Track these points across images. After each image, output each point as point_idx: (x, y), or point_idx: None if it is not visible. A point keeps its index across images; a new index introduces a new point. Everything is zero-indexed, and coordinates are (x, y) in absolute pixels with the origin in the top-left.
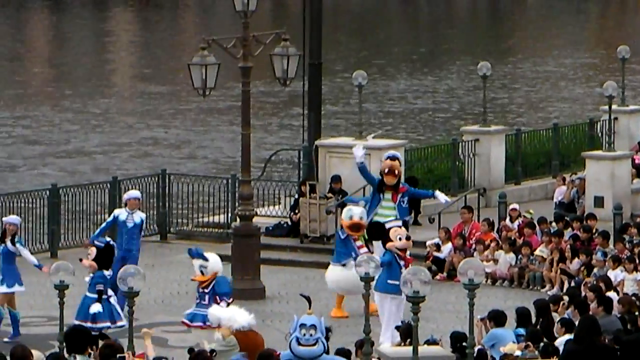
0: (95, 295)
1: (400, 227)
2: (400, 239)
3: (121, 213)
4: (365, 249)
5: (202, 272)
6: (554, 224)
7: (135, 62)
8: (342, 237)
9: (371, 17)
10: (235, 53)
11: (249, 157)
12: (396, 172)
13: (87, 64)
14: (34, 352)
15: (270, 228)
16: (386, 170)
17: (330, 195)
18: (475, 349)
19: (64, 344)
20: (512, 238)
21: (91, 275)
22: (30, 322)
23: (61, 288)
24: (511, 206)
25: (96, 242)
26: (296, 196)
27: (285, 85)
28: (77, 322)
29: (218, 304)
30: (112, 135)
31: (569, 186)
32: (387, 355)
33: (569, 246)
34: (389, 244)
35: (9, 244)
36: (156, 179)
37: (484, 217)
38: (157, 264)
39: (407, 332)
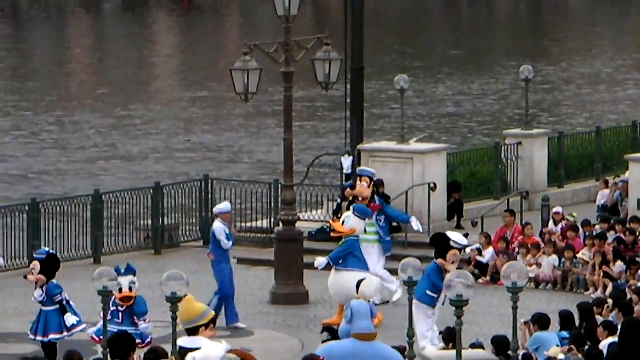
0: (57, 306)
1: (461, 250)
2: (454, 262)
3: (224, 227)
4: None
5: (130, 288)
6: (597, 226)
7: (177, 67)
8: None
9: (413, 21)
10: (278, 58)
11: (291, 162)
12: (356, 188)
13: (129, 69)
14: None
15: (313, 233)
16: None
17: None
18: (520, 353)
19: (108, 350)
20: (554, 241)
21: (40, 289)
22: None
23: (105, 294)
24: (555, 209)
25: (36, 255)
26: (339, 200)
27: (327, 89)
28: (51, 337)
29: (136, 324)
30: (155, 140)
31: (612, 189)
32: (431, 358)
33: (611, 249)
34: (439, 260)
35: None
36: (199, 184)
37: (526, 221)
38: (200, 270)
39: (450, 336)
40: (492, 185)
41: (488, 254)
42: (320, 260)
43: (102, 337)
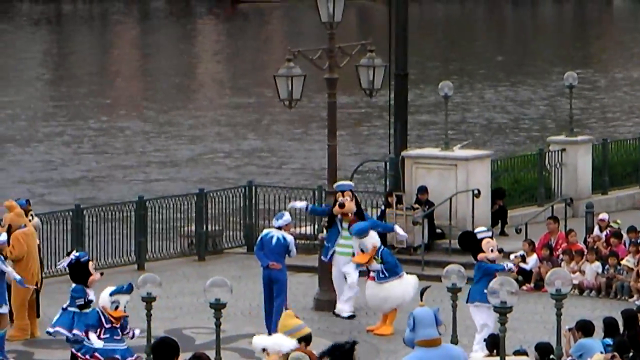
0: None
1: (491, 237)
2: (492, 250)
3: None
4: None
5: (125, 308)
6: None
7: (221, 73)
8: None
9: (457, 27)
10: (321, 64)
11: (335, 168)
12: (345, 205)
13: (173, 75)
14: None
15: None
16: (338, 203)
17: (416, 206)
18: None
19: (152, 356)
20: (597, 247)
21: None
22: None
23: (149, 300)
24: (600, 216)
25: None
26: (383, 207)
27: (371, 96)
28: (76, 332)
29: (87, 335)
30: (199, 146)
31: None
32: None
33: None
34: (480, 255)
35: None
36: (243, 190)
37: (570, 228)
38: (243, 276)
39: (493, 343)
40: (536, 192)
41: (532, 260)
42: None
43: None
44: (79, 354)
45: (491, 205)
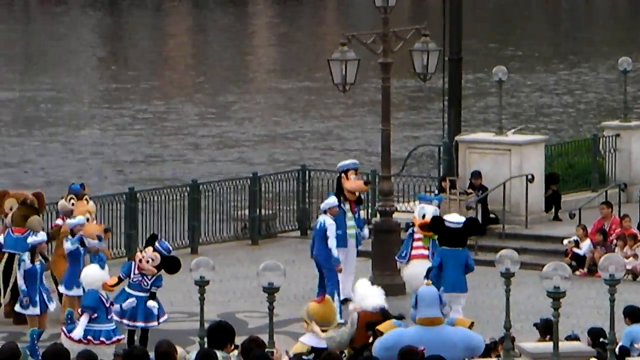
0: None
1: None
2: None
3: (326, 219)
4: (422, 248)
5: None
6: None
7: (276, 57)
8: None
9: (511, 11)
10: (376, 49)
11: (389, 153)
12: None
13: (228, 60)
14: (177, 348)
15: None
16: (353, 187)
17: (470, 191)
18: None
19: (206, 339)
20: None
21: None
22: (171, 318)
23: (201, 284)
24: None
25: (158, 247)
26: (436, 192)
27: (425, 80)
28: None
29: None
30: (253, 129)
31: None
32: (527, 350)
33: None
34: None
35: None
36: (296, 174)
37: (624, 213)
38: (297, 260)
39: (546, 328)
40: (590, 177)
41: (585, 246)
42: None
43: (90, 337)
44: (71, 335)
45: (545, 190)
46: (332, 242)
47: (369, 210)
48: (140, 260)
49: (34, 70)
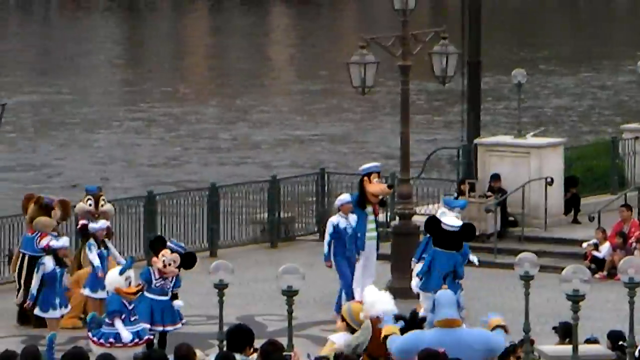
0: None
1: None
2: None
3: (339, 221)
4: None
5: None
6: None
7: (295, 60)
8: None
9: (530, 14)
10: (395, 51)
11: (408, 156)
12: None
13: (247, 62)
14: (196, 352)
15: None
16: (376, 190)
17: (489, 193)
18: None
19: (225, 342)
20: None
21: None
22: (190, 321)
23: (221, 287)
24: None
25: (174, 247)
26: (455, 195)
27: (444, 83)
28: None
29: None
30: (272, 132)
31: None
32: (546, 353)
33: None
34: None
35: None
36: (315, 177)
37: None
38: (316, 263)
39: (565, 331)
40: (609, 180)
41: (604, 248)
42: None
43: (102, 340)
44: (94, 339)
45: (564, 193)
46: (326, 239)
47: (388, 213)
48: (164, 265)
49: (53, 74)
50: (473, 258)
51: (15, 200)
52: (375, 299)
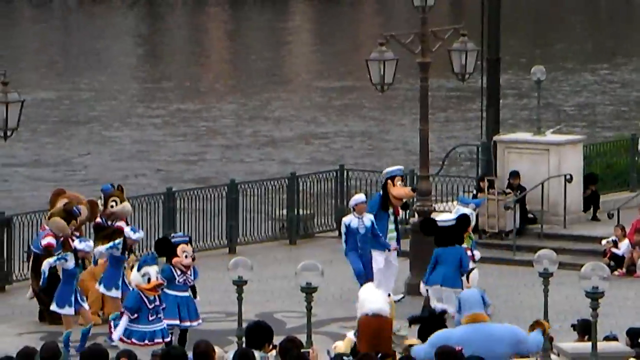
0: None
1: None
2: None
3: (352, 220)
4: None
5: (157, 277)
6: None
7: (314, 56)
8: None
9: (549, 11)
10: (414, 48)
11: (427, 153)
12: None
13: (266, 59)
14: (215, 348)
15: None
16: (400, 193)
17: (508, 191)
18: None
19: (244, 339)
20: None
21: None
22: (209, 318)
23: (239, 284)
24: None
25: (182, 239)
26: (475, 192)
27: (463, 80)
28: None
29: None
30: (292, 129)
31: None
32: (565, 351)
33: None
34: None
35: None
36: (334, 174)
37: None
38: (335, 260)
39: (584, 328)
40: (629, 177)
41: (624, 246)
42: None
43: (124, 337)
44: (123, 338)
45: (583, 191)
46: (342, 237)
47: (407, 211)
48: (193, 259)
49: (72, 70)
50: (476, 253)
51: (35, 197)
52: (366, 297)
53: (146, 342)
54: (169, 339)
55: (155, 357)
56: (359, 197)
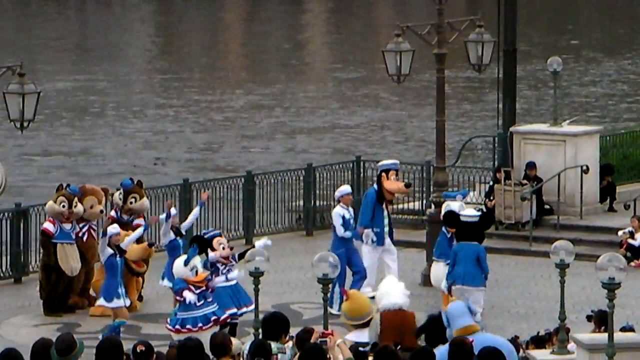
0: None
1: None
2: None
3: (344, 212)
4: None
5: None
6: None
7: (331, 47)
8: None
9: (566, 2)
10: (430, 40)
11: (443, 144)
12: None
13: (283, 50)
14: (232, 340)
15: None
16: (393, 187)
17: (525, 182)
18: None
19: (261, 330)
20: None
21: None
22: None
23: (256, 275)
24: None
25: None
26: (491, 183)
27: (479, 71)
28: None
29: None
30: (309, 120)
31: None
32: (582, 342)
33: None
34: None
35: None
36: (351, 165)
37: None
38: None
39: (601, 319)
40: None
41: None
42: None
43: (179, 327)
44: (172, 328)
45: (600, 181)
46: (339, 230)
47: (423, 202)
48: (231, 248)
49: (88, 61)
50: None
51: (50, 187)
52: (386, 290)
53: (200, 326)
54: (225, 316)
55: (172, 349)
56: (345, 188)
